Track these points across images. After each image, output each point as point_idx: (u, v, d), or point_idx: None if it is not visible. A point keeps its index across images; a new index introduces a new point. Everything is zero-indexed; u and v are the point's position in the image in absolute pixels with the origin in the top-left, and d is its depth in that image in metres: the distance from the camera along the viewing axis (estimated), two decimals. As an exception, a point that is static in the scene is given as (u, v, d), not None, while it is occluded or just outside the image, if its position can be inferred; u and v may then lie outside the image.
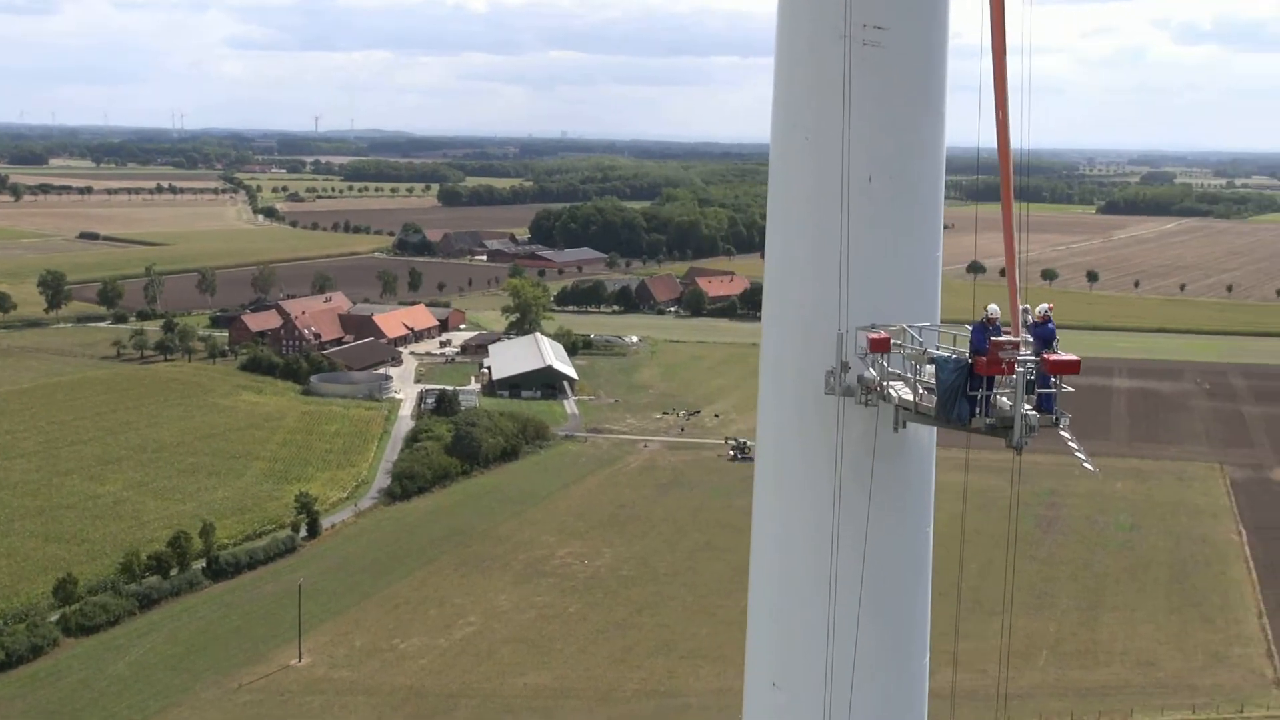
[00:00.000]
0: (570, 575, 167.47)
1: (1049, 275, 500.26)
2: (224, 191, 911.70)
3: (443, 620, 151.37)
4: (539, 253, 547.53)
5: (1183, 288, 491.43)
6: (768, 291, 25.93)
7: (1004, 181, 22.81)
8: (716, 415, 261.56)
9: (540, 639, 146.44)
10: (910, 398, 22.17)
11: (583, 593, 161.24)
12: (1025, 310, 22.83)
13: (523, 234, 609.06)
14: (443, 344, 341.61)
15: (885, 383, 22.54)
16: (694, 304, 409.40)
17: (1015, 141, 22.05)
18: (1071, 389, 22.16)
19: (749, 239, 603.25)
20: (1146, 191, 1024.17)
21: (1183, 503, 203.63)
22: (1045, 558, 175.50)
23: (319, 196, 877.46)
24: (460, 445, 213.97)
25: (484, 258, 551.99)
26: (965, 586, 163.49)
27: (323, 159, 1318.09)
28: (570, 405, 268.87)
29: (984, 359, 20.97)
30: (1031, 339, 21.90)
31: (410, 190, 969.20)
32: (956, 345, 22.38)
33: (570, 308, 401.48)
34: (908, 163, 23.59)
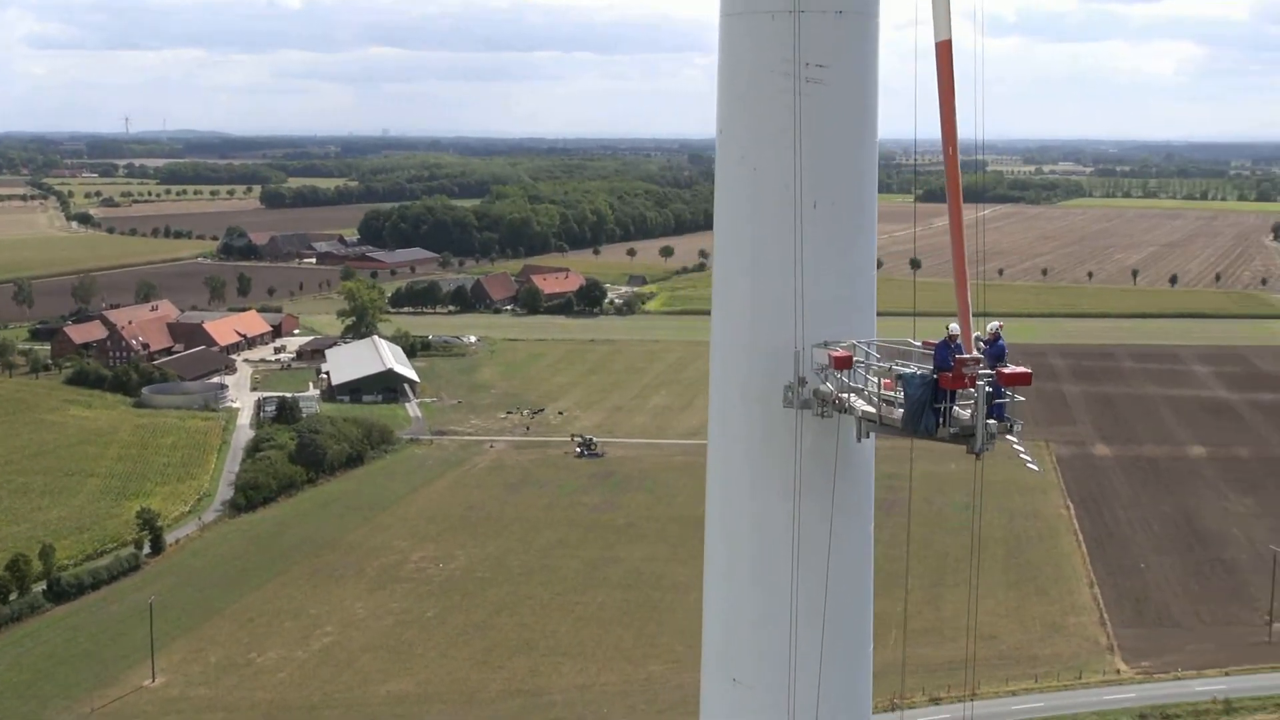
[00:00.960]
0: (426, 579, 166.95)
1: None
2: (32, 198, 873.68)
3: (299, 631, 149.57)
4: (370, 254, 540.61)
5: (1001, 272, 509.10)
6: (717, 311, 27.43)
7: (954, 213, 24.69)
8: (560, 413, 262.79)
9: (400, 645, 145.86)
10: (872, 410, 23.90)
11: (439, 596, 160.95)
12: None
13: (352, 235, 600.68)
14: (277, 350, 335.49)
15: (845, 396, 24.21)
16: (530, 302, 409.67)
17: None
18: (1022, 398, 24.20)
19: (581, 235, 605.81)
20: (967, 179, 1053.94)
21: (1013, 480, 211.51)
22: (889, 539, 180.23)
23: (135, 201, 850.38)
24: (304, 453, 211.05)
25: (313, 260, 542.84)
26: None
27: (136, 162, 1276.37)
28: (413, 408, 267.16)
29: (948, 375, 22.83)
30: (985, 355, 23.80)
31: (231, 192, 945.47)
32: (904, 360, 24.17)
33: (406, 309, 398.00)
34: (848, 189, 25.39)
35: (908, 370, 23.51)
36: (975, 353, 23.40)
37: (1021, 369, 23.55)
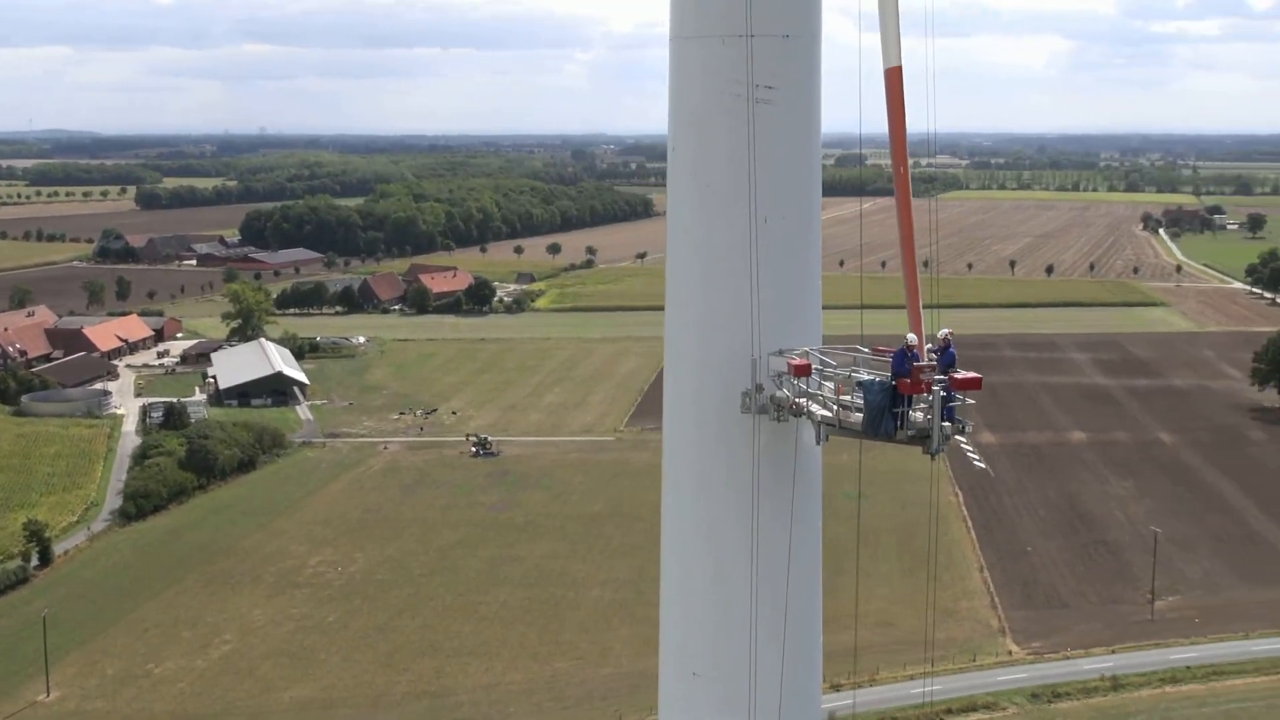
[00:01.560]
0: (325, 584, 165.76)
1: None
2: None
3: (197, 641, 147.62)
4: (252, 255, 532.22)
5: (884, 264, 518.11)
6: (672, 321, 28.50)
7: (905, 230, 26.03)
8: (454, 412, 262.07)
9: (301, 651, 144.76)
10: (830, 415, 25.21)
11: (340, 600, 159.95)
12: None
13: (232, 236, 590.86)
14: (161, 355, 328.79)
15: (803, 401, 25.49)
16: (419, 301, 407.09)
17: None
18: (973, 401, 25.66)
19: (468, 233, 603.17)
20: (842, 173, 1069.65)
21: (903, 469, 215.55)
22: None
23: (3, 204, 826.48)
24: (195, 459, 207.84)
25: (193, 262, 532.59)
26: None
27: (2, 163, 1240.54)
28: (304, 411, 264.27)
29: (907, 381, 24.20)
30: (937, 362, 25.21)
31: (105, 194, 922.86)
32: (858, 367, 25.58)
33: (292, 311, 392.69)
34: (796, 204, 26.67)
35: (867, 377, 24.83)
36: (929, 360, 24.69)
37: (972, 374, 24.99)
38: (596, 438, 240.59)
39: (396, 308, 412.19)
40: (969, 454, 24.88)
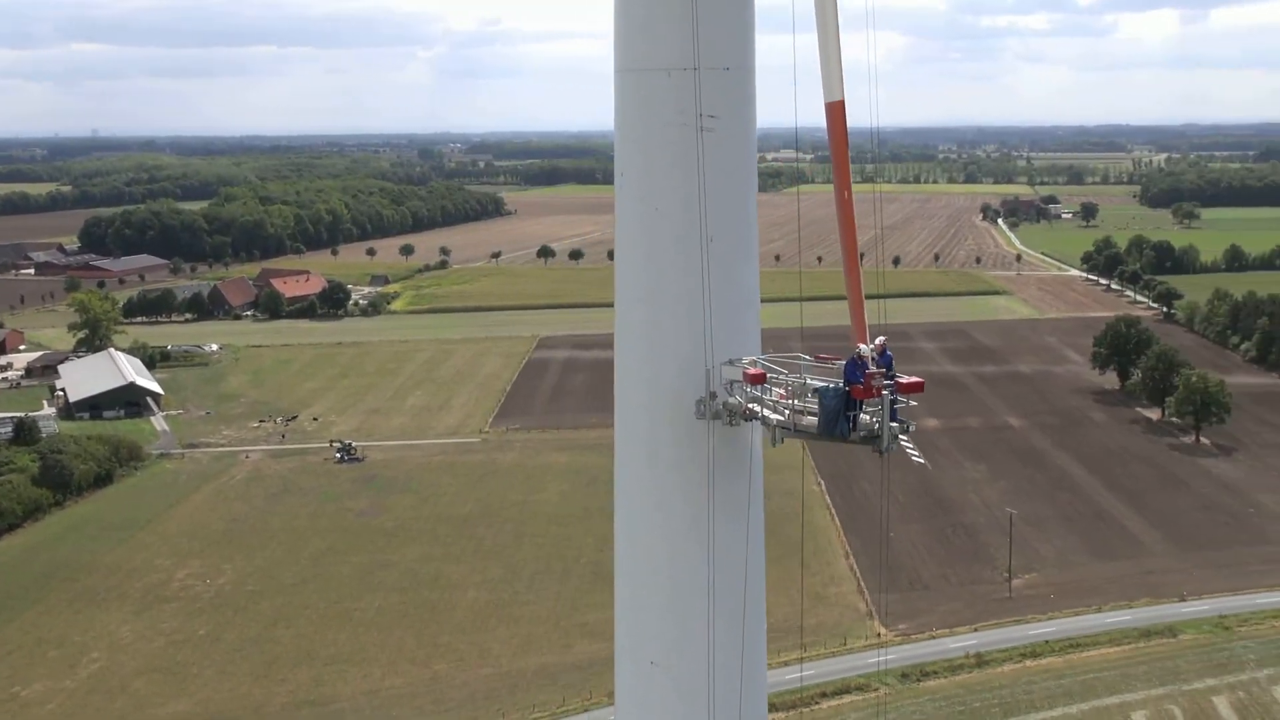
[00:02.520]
0: (194, 597, 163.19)
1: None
2: None
3: (64, 661, 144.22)
4: (94, 262, 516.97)
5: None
6: (622, 334, 30.11)
7: (849, 248, 28.02)
8: (315, 419, 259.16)
9: (174, 666, 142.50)
10: (784, 419, 27.17)
11: (210, 613, 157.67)
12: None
13: (72, 243, 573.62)
14: (3, 368, 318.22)
15: (754, 406, 27.45)
16: (271, 306, 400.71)
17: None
18: (915, 403, 27.79)
19: (317, 236, 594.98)
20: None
21: (767, 459, 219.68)
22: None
23: None
24: (49, 475, 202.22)
25: (31, 271, 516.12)
26: (586, 560, 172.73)
27: None
28: (159, 421, 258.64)
29: (860, 387, 26.21)
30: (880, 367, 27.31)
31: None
32: (798, 374, 27.59)
33: (140, 319, 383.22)
34: (737, 224, 28.56)
35: (822, 384, 26.82)
36: (873, 368, 26.75)
37: (915, 379, 27.14)
38: (462, 439, 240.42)
39: (249, 313, 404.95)
40: (909, 450, 26.95)
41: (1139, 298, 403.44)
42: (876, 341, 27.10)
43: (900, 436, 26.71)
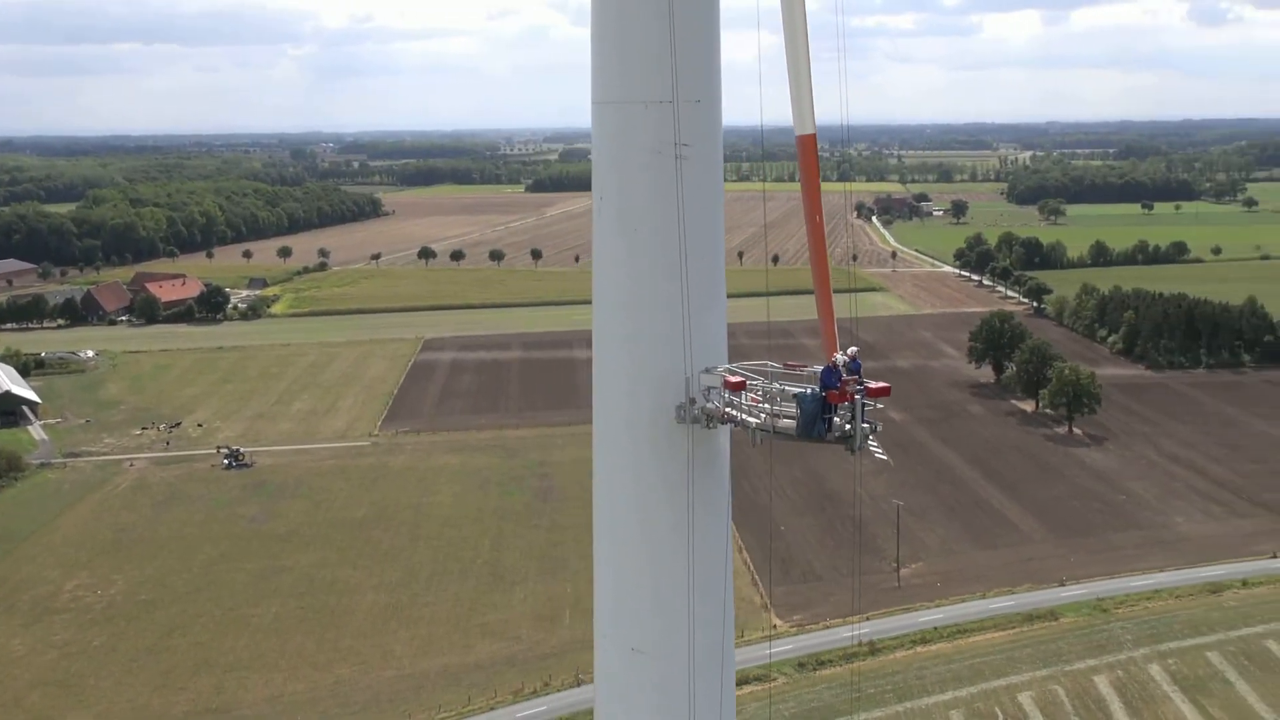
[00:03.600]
0: (85, 608, 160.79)
1: (497, 256, 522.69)
2: None
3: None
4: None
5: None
6: (601, 343, 32.35)
7: (820, 270, 30.39)
8: (200, 425, 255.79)
9: (69, 678, 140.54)
10: (762, 422, 29.49)
11: (103, 624, 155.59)
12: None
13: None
14: None
15: (731, 411, 29.78)
16: (148, 311, 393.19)
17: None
18: (882, 405, 30.21)
19: (191, 238, 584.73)
20: (569, 168, 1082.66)
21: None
22: (549, 525, 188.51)
23: None
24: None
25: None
26: (483, 562, 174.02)
27: None
28: (37, 431, 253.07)
29: (836, 392, 28.60)
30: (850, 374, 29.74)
31: None
32: (768, 380, 30.03)
33: (9, 325, 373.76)
34: (709, 242, 30.87)
35: (800, 390, 29.18)
36: (844, 374, 29.20)
37: (883, 385, 29.61)
38: (351, 443, 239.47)
39: (124, 318, 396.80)
40: (874, 449, 29.39)
41: (1010, 293, 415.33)
42: (849, 351, 29.52)
43: (870, 438, 29.16)
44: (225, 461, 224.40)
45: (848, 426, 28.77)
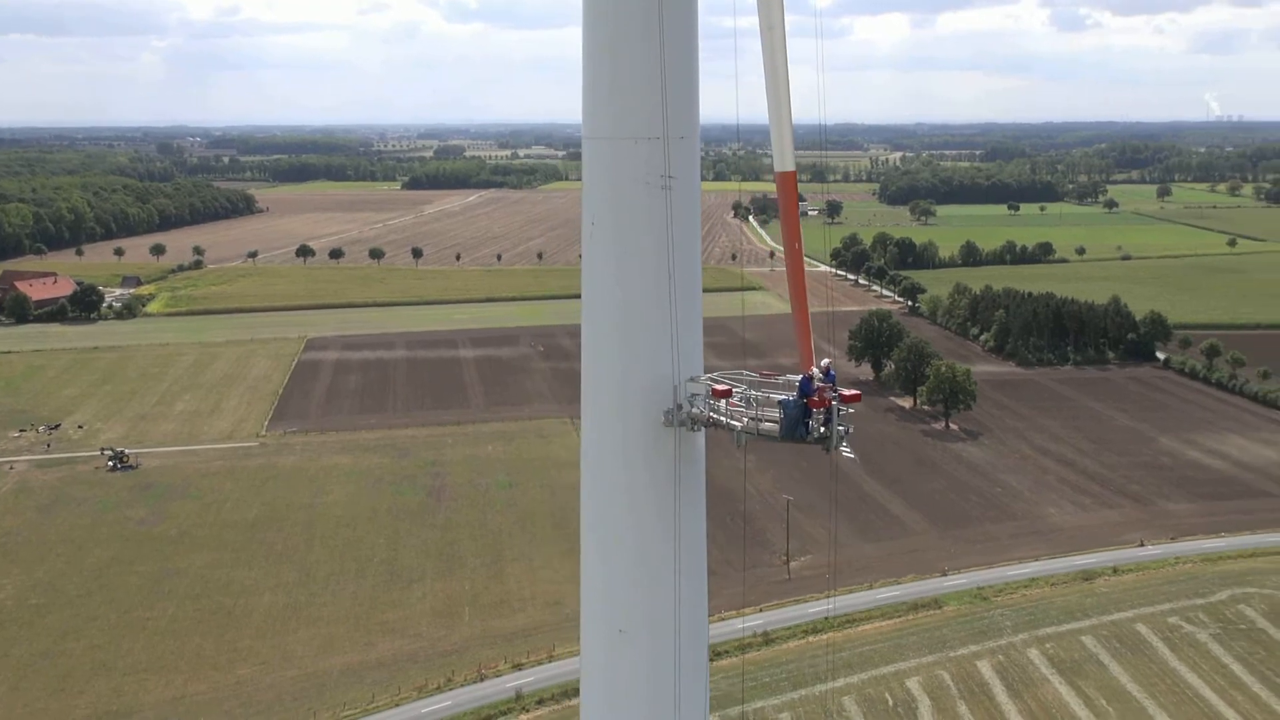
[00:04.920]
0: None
1: (376, 254, 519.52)
2: None
3: None
4: None
5: (499, 257, 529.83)
6: (595, 353, 35.65)
7: (798, 292, 33.70)
8: (80, 426, 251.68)
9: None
10: (747, 425, 32.83)
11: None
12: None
13: None
14: None
15: (715, 415, 33.10)
16: (18, 310, 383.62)
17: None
18: (854, 410, 33.66)
19: (59, 235, 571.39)
20: (446, 166, 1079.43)
21: (549, 457, 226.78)
22: (444, 524, 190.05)
23: None
24: None
25: None
26: (380, 560, 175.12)
27: None
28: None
29: (815, 399, 31.99)
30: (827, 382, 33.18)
31: None
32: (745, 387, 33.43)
33: None
34: (690, 263, 34.19)
35: (783, 397, 32.53)
36: (819, 384, 32.66)
37: (854, 392, 33.10)
38: (238, 444, 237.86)
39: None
40: (845, 451, 32.79)
41: (885, 292, 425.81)
42: (823, 363, 32.96)
43: (843, 439, 32.70)
44: (109, 463, 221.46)
45: (822, 429, 32.18)
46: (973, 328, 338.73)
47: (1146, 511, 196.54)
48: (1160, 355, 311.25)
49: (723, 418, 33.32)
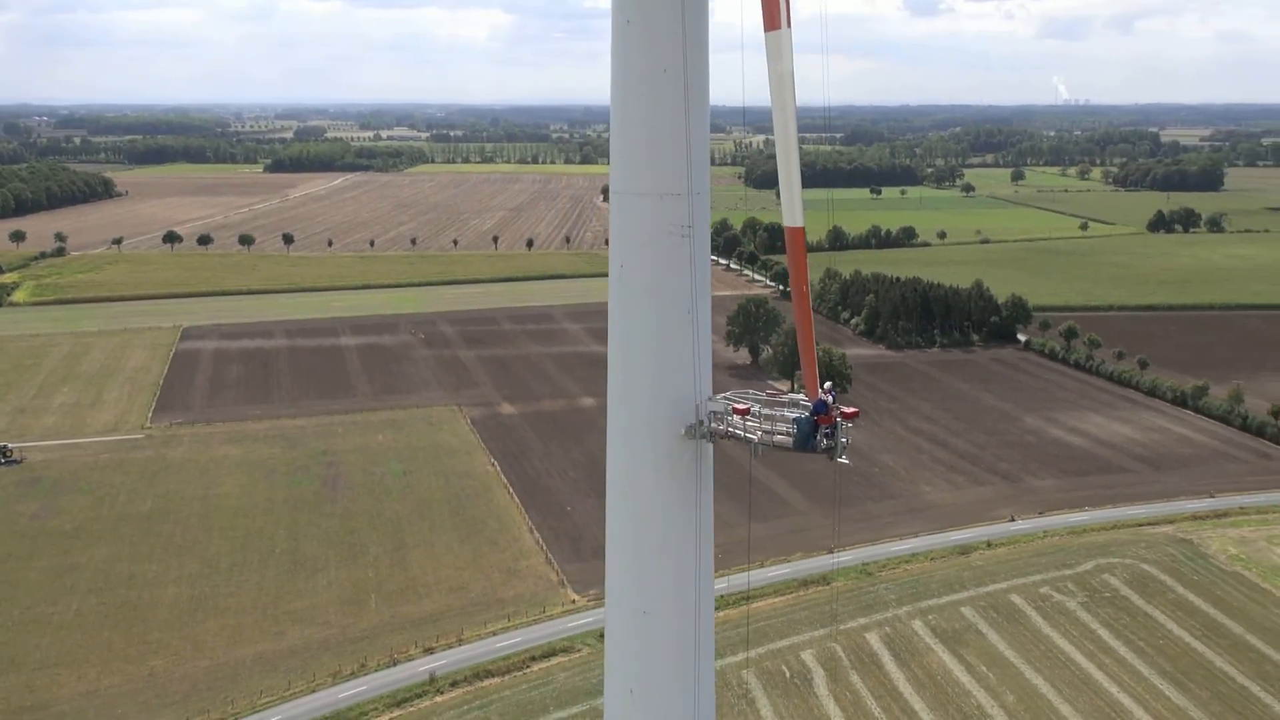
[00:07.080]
0: None
1: (246, 240, 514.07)
2: None
3: None
4: None
5: (372, 243, 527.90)
6: (626, 376, 41.24)
7: (804, 327, 39.39)
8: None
9: None
10: (762, 438, 38.67)
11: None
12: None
13: None
14: None
15: (735, 430, 38.89)
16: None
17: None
18: (852, 425, 39.55)
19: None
20: (309, 148, 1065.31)
21: (439, 444, 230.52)
22: (343, 513, 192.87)
23: None
24: None
25: None
26: (281, 550, 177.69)
27: None
28: None
29: (824, 416, 37.89)
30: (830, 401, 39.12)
31: None
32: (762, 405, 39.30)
33: None
34: (703, 298, 39.80)
35: (795, 413, 38.39)
36: (825, 401, 38.60)
37: (853, 409, 39.04)
38: (125, 436, 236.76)
39: None
40: (841, 460, 38.52)
41: (757, 276, 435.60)
42: (825, 386, 38.88)
43: (844, 449, 38.80)
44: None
45: (827, 441, 38.19)
46: (844, 312, 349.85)
47: (1015, 488, 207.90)
48: (1021, 337, 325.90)
49: (739, 431, 39.00)
